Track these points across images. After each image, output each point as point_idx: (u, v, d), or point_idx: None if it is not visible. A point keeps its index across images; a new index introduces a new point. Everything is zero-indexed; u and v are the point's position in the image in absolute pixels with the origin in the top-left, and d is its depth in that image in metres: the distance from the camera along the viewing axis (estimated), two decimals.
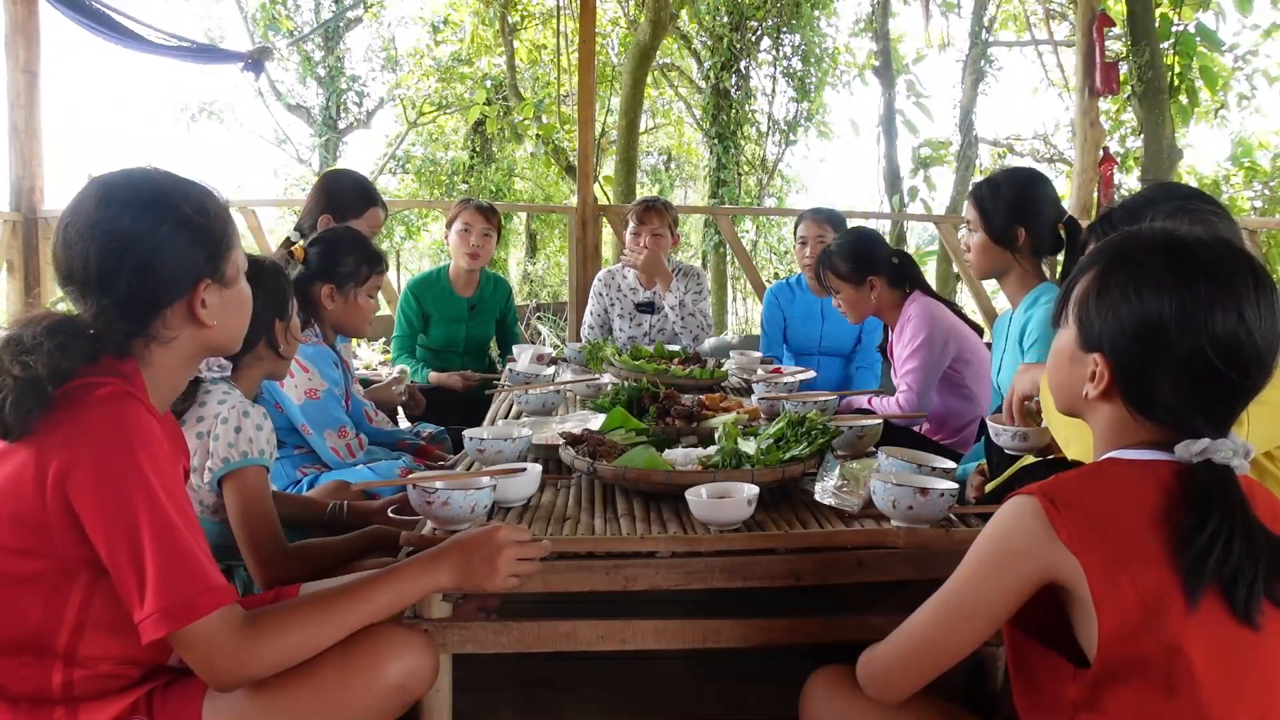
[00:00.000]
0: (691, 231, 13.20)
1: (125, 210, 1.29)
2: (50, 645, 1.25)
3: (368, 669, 1.36)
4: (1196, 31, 7.89)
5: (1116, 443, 1.18)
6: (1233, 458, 1.09)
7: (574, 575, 1.61)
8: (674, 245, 4.07)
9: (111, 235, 1.28)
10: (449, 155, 13.94)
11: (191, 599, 1.19)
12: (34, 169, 5.63)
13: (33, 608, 1.24)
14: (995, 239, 2.50)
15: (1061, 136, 11.64)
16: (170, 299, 1.32)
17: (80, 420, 1.22)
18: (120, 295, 1.29)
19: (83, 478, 1.19)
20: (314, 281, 2.61)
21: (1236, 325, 1.08)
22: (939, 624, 1.22)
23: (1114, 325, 1.14)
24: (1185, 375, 1.11)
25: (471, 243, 3.85)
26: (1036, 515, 1.11)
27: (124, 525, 1.18)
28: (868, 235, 3.24)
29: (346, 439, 2.58)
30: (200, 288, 1.34)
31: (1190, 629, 1.04)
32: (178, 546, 1.20)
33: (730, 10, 10.11)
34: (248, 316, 1.46)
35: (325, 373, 2.56)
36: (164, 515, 1.20)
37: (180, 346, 1.36)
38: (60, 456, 1.19)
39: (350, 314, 2.65)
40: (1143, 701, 1.06)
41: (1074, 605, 1.12)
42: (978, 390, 3.05)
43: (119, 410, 1.24)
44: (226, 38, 13.45)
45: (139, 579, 1.18)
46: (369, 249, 2.69)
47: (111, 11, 5.19)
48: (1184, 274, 1.10)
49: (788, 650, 1.68)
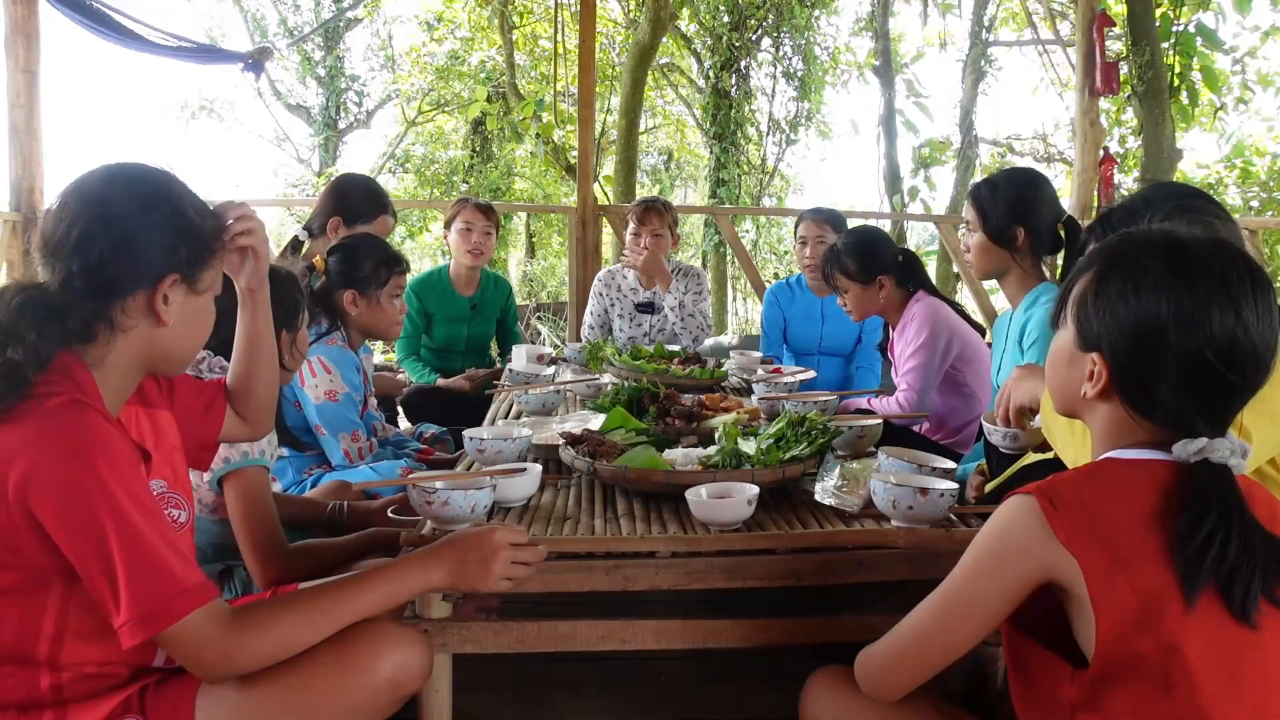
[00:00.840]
0: (692, 231, 13.20)
1: (125, 190, 1.32)
2: (31, 654, 1.25)
3: (361, 664, 1.36)
4: (1197, 31, 7.89)
5: (1115, 443, 1.18)
6: (1230, 457, 1.09)
7: (574, 575, 1.61)
8: (674, 245, 4.07)
9: (104, 206, 1.30)
10: (449, 154, 13.95)
11: (165, 604, 1.18)
12: (34, 169, 5.63)
13: (9, 620, 1.24)
14: (994, 239, 2.50)
15: (1061, 136, 11.66)
16: (137, 283, 1.31)
17: (35, 431, 1.20)
18: (90, 264, 1.27)
19: (43, 490, 1.18)
20: (337, 289, 2.66)
21: (1234, 325, 1.09)
22: (936, 622, 1.22)
23: (1111, 325, 1.14)
24: (1182, 374, 1.11)
25: (474, 241, 3.86)
26: (1035, 514, 1.11)
27: (91, 537, 1.17)
28: (875, 234, 3.24)
29: (359, 443, 2.60)
30: (168, 280, 1.32)
31: (1188, 628, 1.04)
32: (147, 553, 1.19)
33: (730, 10, 10.11)
34: (205, 333, 1.43)
35: (347, 377, 2.58)
36: (129, 523, 1.19)
37: (132, 343, 1.33)
38: (18, 468, 1.18)
39: (376, 317, 2.70)
40: (1140, 702, 1.06)
41: (1072, 605, 1.12)
42: (979, 390, 3.06)
43: (74, 420, 1.22)
44: (228, 36, 13.46)
45: (112, 588, 1.17)
46: (387, 251, 2.75)
47: (111, 11, 5.19)
48: (1181, 274, 1.11)
49: (788, 650, 1.68)
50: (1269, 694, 1.06)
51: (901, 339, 3.10)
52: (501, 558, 1.45)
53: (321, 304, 2.63)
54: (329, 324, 2.64)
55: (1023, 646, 1.20)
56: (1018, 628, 1.20)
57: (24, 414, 1.22)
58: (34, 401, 1.23)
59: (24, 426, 1.21)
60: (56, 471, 1.18)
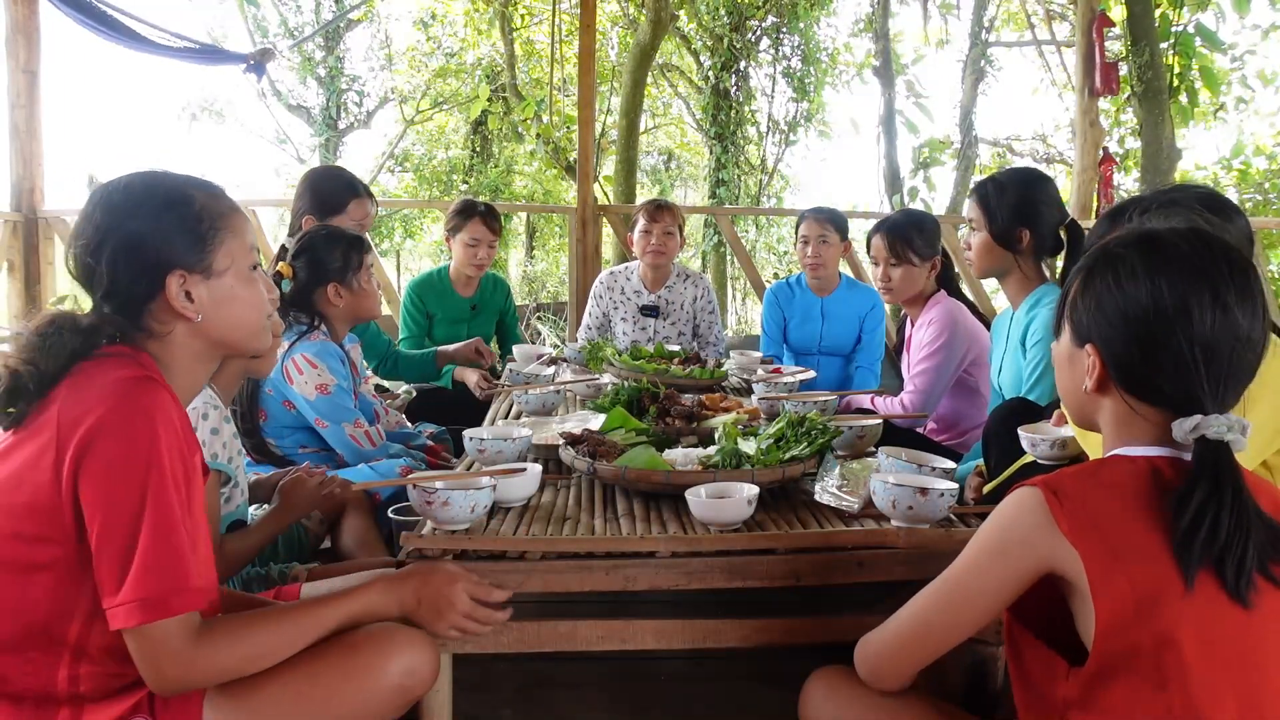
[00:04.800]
0: (692, 232, 13.21)
1: (106, 206, 1.33)
2: (61, 635, 1.25)
3: (370, 668, 1.36)
4: (1196, 32, 7.88)
5: (1122, 439, 1.21)
6: (1227, 433, 1.11)
7: (574, 575, 1.61)
8: (680, 248, 4.07)
9: (95, 229, 1.32)
10: (449, 154, 13.95)
11: (168, 595, 1.18)
12: (34, 169, 5.63)
13: (44, 596, 1.24)
14: (998, 239, 2.48)
15: (1061, 136, 11.64)
16: (148, 292, 1.32)
17: (108, 393, 1.22)
18: (105, 288, 1.31)
19: (103, 449, 1.19)
20: (314, 288, 2.65)
21: (1212, 305, 1.12)
22: (937, 609, 1.24)
23: (1099, 315, 1.19)
24: (1169, 355, 1.14)
25: (479, 256, 3.85)
26: (1039, 505, 1.13)
27: (127, 505, 1.18)
28: (934, 218, 3.21)
29: (364, 428, 2.60)
30: (174, 280, 1.32)
31: (1184, 616, 1.05)
32: (172, 541, 1.20)
33: (730, 10, 10.11)
34: (250, 309, 1.41)
35: (333, 369, 2.58)
36: (167, 507, 1.20)
37: (182, 342, 1.36)
38: (84, 427, 1.20)
39: (361, 301, 2.71)
40: (1134, 698, 1.07)
41: (1074, 597, 1.13)
42: (989, 395, 3.04)
43: (146, 392, 1.24)
44: (229, 36, 13.46)
45: (123, 564, 1.18)
46: (347, 235, 2.73)
47: (113, 11, 5.19)
48: (1159, 261, 1.15)
49: (788, 650, 1.68)
50: (1262, 679, 1.07)
51: (918, 336, 3.10)
52: (457, 609, 1.48)
53: (298, 306, 2.63)
54: (309, 323, 2.63)
55: (1023, 644, 1.21)
56: (1020, 623, 1.21)
57: (94, 378, 1.25)
58: (106, 369, 1.26)
59: (95, 388, 1.23)
60: (121, 432, 1.20)
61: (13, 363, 1.25)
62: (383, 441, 2.67)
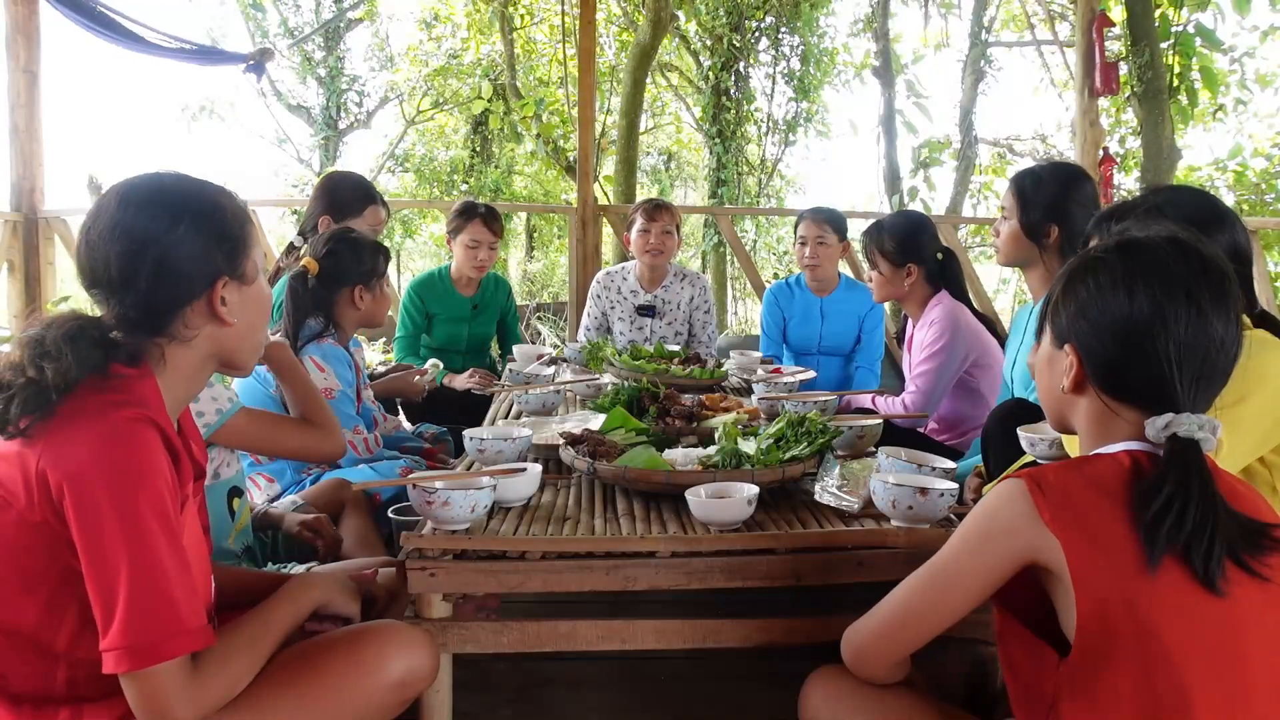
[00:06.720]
0: (692, 231, 13.20)
1: (143, 211, 1.31)
2: (50, 645, 1.25)
3: (370, 666, 1.37)
4: (1196, 32, 7.88)
5: (1100, 439, 1.24)
6: (1198, 431, 1.14)
7: (574, 575, 1.62)
8: (677, 249, 4.08)
9: (130, 236, 1.29)
10: (449, 154, 13.94)
11: (158, 642, 1.17)
12: (34, 169, 5.64)
13: (32, 607, 1.24)
14: (1027, 232, 2.45)
15: (1061, 136, 11.63)
16: (190, 296, 1.33)
17: (90, 440, 1.20)
18: (140, 294, 1.30)
19: (79, 498, 1.17)
20: (339, 287, 2.66)
21: (1185, 306, 1.16)
22: (920, 597, 1.27)
23: (1080, 317, 1.23)
24: (1142, 354, 1.17)
25: (479, 258, 3.85)
26: (1023, 496, 1.16)
27: (105, 558, 1.17)
28: (921, 221, 3.20)
29: (362, 435, 2.61)
30: (219, 285, 1.34)
31: (1158, 602, 1.07)
32: (156, 586, 1.18)
33: (730, 10, 10.11)
34: (267, 316, 1.46)
35: (340, 374, 2.59)
36: (150, 555, 1.18)
37: (199, 347, 1.36)
38: (63, 469, 1.18)
39: (379, 306, 2.75)
40: (1121, 688, 1.08)
41: (1056, 587, 1.16)
42: (990, 396, 3.04)
43: (130, 437, 1.21)
44: (229, 36, 13.46)
45: (107, 613, 1.17)
46: (376, 242, 2.80)
47: (112, 13, 5.19)
48: (1138, 267, 1.19)
49: (788, 650, 1.68)
50: (1245, 666, 1.08)
51: (919, 337, 3.10)
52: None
53: (316, 305, 2.63)
54: (324, 324, 2.64)
55: (1013, 636, 1.23)
56: (1011, 614, 1.23)
57: (84, 414, 1.22)
58: (96, 407, 1.22)
59: (81, 432, 1.20)
60: (97, 488, 1.18)
61: (32, 371, 1.22)
62: (379, 449, 2.67)
